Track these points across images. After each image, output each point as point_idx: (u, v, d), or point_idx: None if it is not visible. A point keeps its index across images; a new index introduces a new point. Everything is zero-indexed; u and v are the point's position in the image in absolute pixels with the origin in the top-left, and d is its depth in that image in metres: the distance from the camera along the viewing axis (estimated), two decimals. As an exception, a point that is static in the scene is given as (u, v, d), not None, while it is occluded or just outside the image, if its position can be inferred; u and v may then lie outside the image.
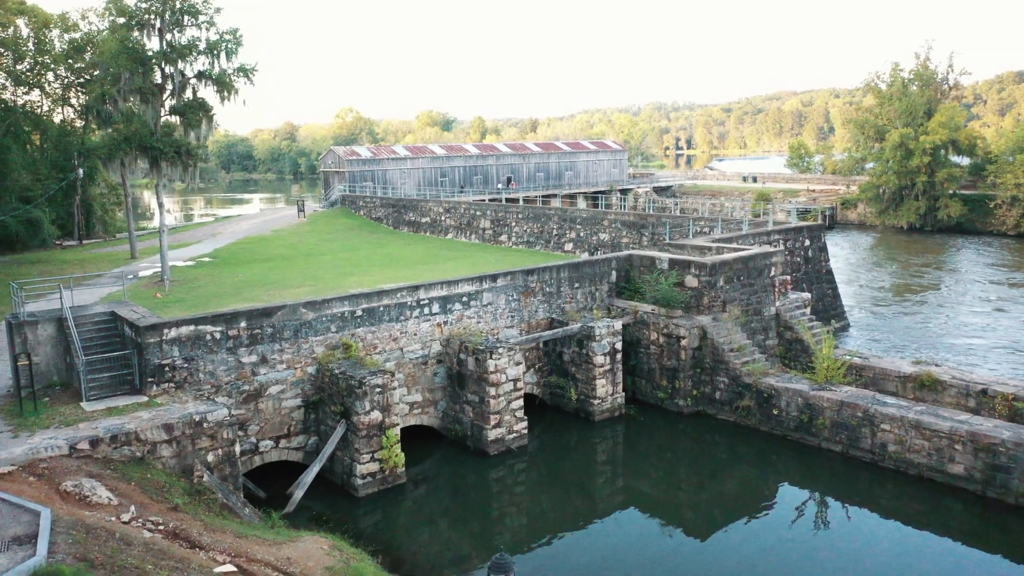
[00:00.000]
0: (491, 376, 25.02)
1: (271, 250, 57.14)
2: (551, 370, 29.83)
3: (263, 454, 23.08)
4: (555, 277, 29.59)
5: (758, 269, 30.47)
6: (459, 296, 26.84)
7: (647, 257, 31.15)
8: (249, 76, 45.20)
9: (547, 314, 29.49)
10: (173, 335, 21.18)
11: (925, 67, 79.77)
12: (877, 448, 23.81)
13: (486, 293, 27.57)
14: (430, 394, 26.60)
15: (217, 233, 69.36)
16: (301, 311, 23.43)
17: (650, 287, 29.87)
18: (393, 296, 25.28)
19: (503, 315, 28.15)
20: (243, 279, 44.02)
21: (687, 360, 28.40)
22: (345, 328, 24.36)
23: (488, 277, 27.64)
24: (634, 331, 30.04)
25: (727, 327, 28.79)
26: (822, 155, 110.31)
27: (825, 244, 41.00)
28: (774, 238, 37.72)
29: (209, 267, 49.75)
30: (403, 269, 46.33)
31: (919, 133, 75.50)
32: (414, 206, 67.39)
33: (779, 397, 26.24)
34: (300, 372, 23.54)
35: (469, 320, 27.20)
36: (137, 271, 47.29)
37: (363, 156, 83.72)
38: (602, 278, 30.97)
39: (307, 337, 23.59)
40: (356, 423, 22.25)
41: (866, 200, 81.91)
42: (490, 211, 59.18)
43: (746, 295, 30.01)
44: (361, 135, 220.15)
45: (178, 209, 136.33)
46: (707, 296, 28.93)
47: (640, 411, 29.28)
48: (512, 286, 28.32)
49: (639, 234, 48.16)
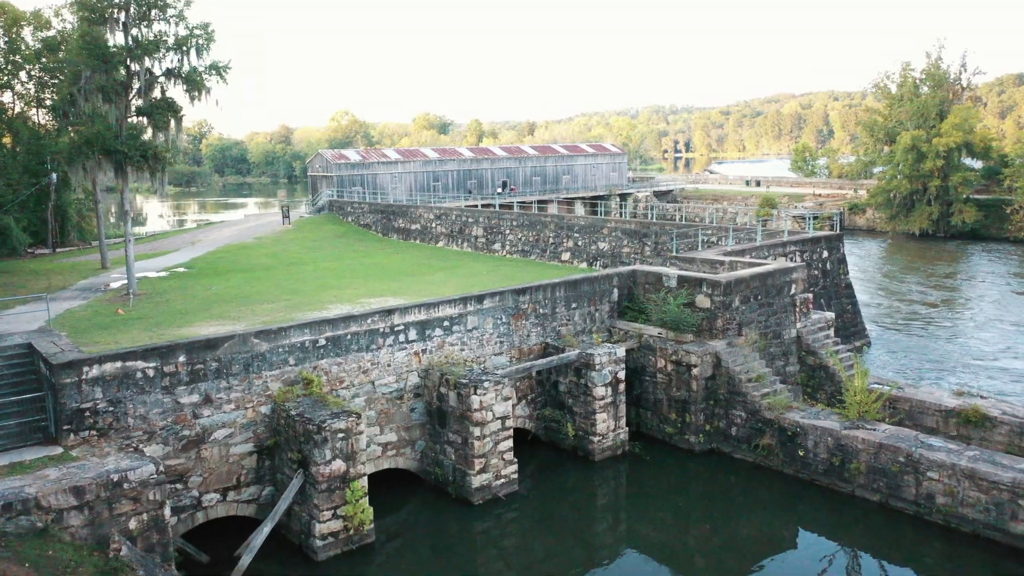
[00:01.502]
0: (475, 414, 21.70)
1: (252, 259, 53.90)
2: (545, 401, 26.51)
3: (207, 509, 19.74)
4: (549, 297, 26.28)
5: (777, 287, 27.19)
6: (440, 321, 23.52)
7: (653, 273, 27.85)
8: (222, 74, 41.91)
9: (541, 339, 26.17)
10: (95, 373, 17.86)
11: (937, 67, 76.63)
12: (923, 499, 20.51)
13: (471, 316, 24.26)
14: (406, 433, 23.26)
15: (197, 241, 66.05)
16: (253, 342, 20.11)
17: (657, 307, 26.57)
18: (362, 322, 21.96)
19: (490, 341, 24.84)
20: (216, 292, 40.92)
21: (699, 391, 25.10)
22: (306, 360, 21.03)
23: (473, 298, 24.34)
24: (639, 357, 26.74)
25: (744, 353, 25.50)
26: (827, 158, 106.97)
27: (844, 255, 37.76)
28: (790, 249, 34.48)
29: (182, 278, 46.56)
30: (389, 281, 43.16)
31: (931, 135, 72.31)
32: (404, 212, 64.11)
33: (805, 436, 22.94)
34: (252, 413, 20.22)
35: (451, 347, 23.88)
36: (106, 283, 44.06)
37: (352, 160, 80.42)
38: (602, 297, 27.67)
39: (260, 372, 20.27)
40: (315, 474, 18.93)
41: (876, 205, 78.68)
42: (483, 218, 55.90)
43: (764, 316, 26.73)
44: (356, 138, 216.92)
45: (171, 214, 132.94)
46: (721, 318, 25.63)
47: (646, 448, 25.96)
48: (501, 308, 25.01)
49: (641, 243, 44.89)
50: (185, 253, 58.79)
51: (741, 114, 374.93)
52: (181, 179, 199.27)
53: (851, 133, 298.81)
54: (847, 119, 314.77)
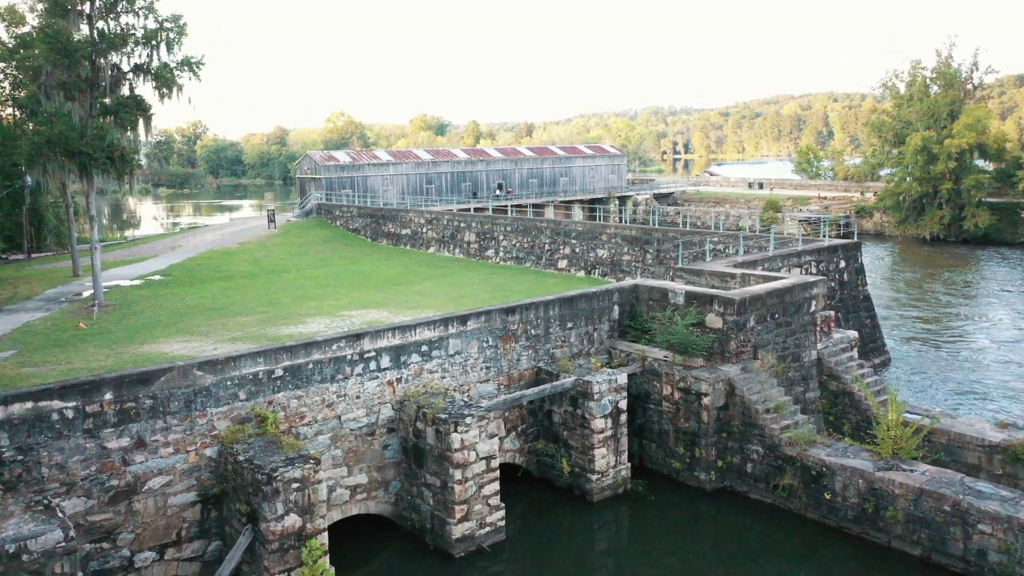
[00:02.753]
0: (456, 455, 18.90)
1: (233, 266, 51.13)
2: (538, 433, 23.70)
3: (141, 571, 16.91)
4: (542, 316, 23.46)
5: (796, 304, 24.40)
6: (417, 345, 20.71)
7: (658, 289, 25.03)
8: (195, 70, 39.10)
9: (532, 363, 23.35)
10: (0, 417, 15.05)
11: (948, 65, 73.93)
12: (973, 555, 17.72)
13: (453, 340, 21.44)
14: (378, 473, 20.43)
15: (179, 246, 63.23)
16: (195, 374, 17.29)
17: (662, 327, 23.75)
18: (326, 348, 19.14)
19: (475, 367, 22.02)
20: (190, 303, 38.21)
21: (710, 423, 22.30)
22: (260, 394, 18.21)
23: (455, 319, 21.52)
24: (642, 382, 23.93)
25: (760, 380, 22.70)
26: (832, 160, 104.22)
27: (862, 265, 35.00)
28: (805, 259, 31.73)
29: (157, 287, 43.82)
30: (374, 291, 40.43)
31: (943, 136, 69.61)
32: (394, 216, 61.31)
33: (832, 476, 20.15)
34: (194, 457, 17.40)
35: (431, 375, 21.07)
36: (75, 292, 41.32)
37: (342, 162, 77.58)
38: (602, 315, 24.87)
39: (205, 409, 17.45)
40: (265, 532, 16.12)
41: (884, 208, 75.94)
42: (475, 223, 53.11)
43: (782, 337, 23.94)
44: (352, 139, 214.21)
45: (165, 216, 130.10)
46: (735, 340, 22.83)
47: (650, 486, 23.13)
48: (487, 329, 22.19)
49: (642, 251, 42.13)
50: (164, 259, 56.01)
51: (740, 115, 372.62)
52: (175, 181, 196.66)
53: (851, 134, 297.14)
54: (847, 120, 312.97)
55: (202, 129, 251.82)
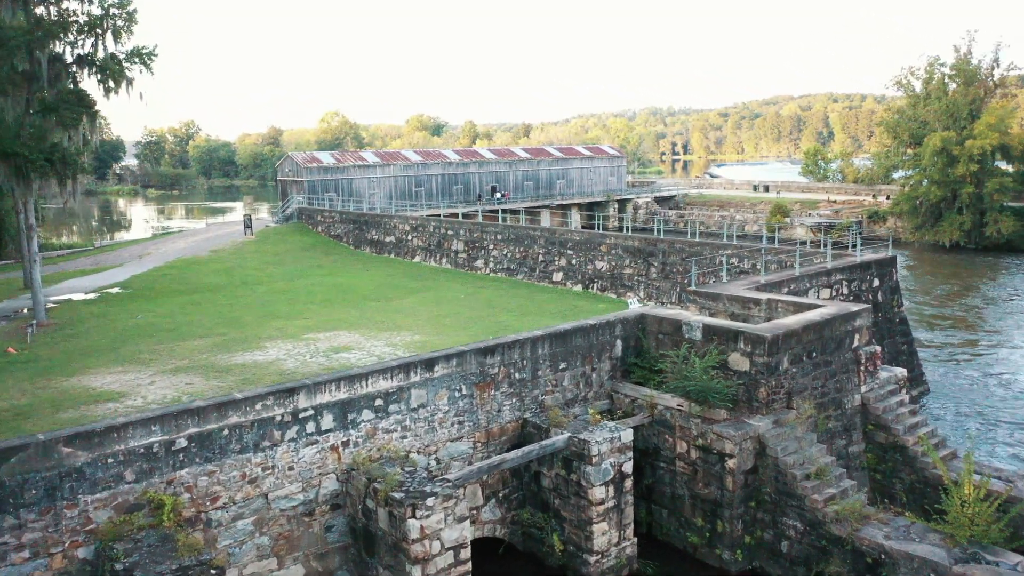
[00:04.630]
0: (414, 547, 14.60)
1: (200, 277, 46.85)
2: (523, 499, 19.38)
3: None
4: (529, 356, 19.16)
5: (836, 339, 20.14)
6: (369, 399, 16.41)
7: (669, 320, 20.73)
8: (146, 62, 34.90)
9: (517, 414, 19.05)
10: None
11: (967, 61, 69.67)
12: None
13: (416, 390, 17.14)
14: (319, 563, 16.12)
15: (147, 254, 58.88)
16: (62, 452, 13.00)
17: (675, 369, 19.45)
18: (247, 409, 14.84)
19: (445, 422, 17.73)
20: (141, 322, 34.04)
21: (735, 490, 18.01)
22: (155, 472, 13.92)
23: (420, 364, 17.21)
24: (650, 435, 19.67)
25: (796, 436, 18.43)
26: (840, 161, 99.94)
27: (898, 284, 30.76)
28: (836, 279, 27.48)
29: (111, 303, 39.63)
30: (348, 308, 36.22)
31: (963, 137, 65.35)
32: (377, 223, 56.96)
33: (894, 568, 15.87)
34: (61, 561, 13.09)
35: (387, 436, 16.78)
36: (23, 307, 37.25)
37: (325, 163, 73.22)
38: (601, 352, 20.58)
39: (76, 497, 13.16)
40: (145, 672, 11.84)
41: (900, 213, 71.65)
42: (464, 231, 48.79)
43: (820, 380, 19.68)
44: (346, 140, 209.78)
45: (156, 219, 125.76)
46: (765, 386, 18.56)
47: (661, 565, 18.84)
48: (459, 375, 17.89)
49: (646, 264, 37.85)
50: (128, 269, 51.75)
51: (740, 116, 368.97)
52: (165, 182, 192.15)
53: (852, 135, 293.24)
54: (848, 121, 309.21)
55: (195, 129, 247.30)
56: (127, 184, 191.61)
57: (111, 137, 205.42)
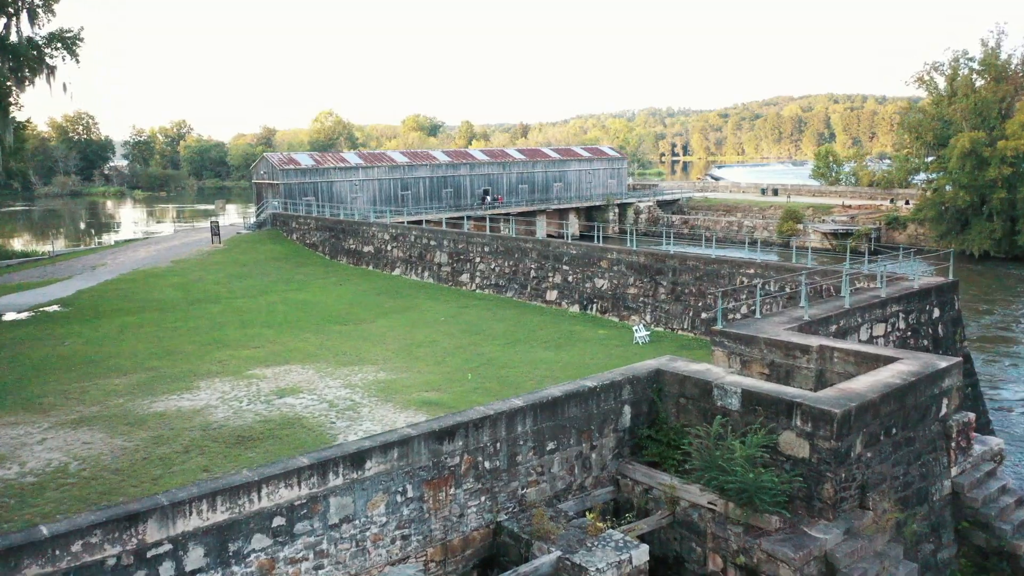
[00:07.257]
0: None
1: (152, 293, 41.80)
2: (496, 632, 14.13)
3: None
4: (504, 437, 13.85)
5: (921, 408, 14.88)
6: (263, 519, 11.10)
7: (695, 380, 15.44)
8: (71, 48, 29.85)
9: (487, 517, 13.76)
10: None
11: (996, 56, 64.48)
12: None
13: (337, 498, 11.85)
14: None
15: (101, 264, 53.69)
16: None
17: (706, 454, 14.17)
18: (55, 554, 9.55)
19: (382, 538, 12.44)
20: (65, 350, 29.56)
21: (794, 632, 12.78)
22: None
23: (344, 460, 11.89)
24: (670, 539, 14.42)
25: (875, 550, 13.18)
26: (855, 163, 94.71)
27: (960, 313, 25.52)
28: (891, 310, 22.23)
29: (43, 324, 34.96)
30: (310, 334, 31.29)
31: (994, 137, 60.15)
32: (355, 231, 51.74)
33: None
34: None
35: (291, 569, 11.49)
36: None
37: (303, 165, 67.92)
38: (604, 424, 15.28)
39: None
40: None
41: (924, 220, 66.39)
42: (448, 241, 43.57)
43: (902, 466, 14.43)
44: (340, 140, 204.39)
45: (146, 221, 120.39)
46: (832, 480, 13.30)
47: None
48: (404, 471, 12.59)
49: (654, 283, 32.65)
50: (77, 282, 46.60)
51: (740, 117, 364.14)
52: (154, 183, 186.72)
53: (853, 136, 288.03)
54: (849, 122, 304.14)
55: (186, 129, 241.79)
56: (114, 185, 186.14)
57: (99, 137, 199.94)
